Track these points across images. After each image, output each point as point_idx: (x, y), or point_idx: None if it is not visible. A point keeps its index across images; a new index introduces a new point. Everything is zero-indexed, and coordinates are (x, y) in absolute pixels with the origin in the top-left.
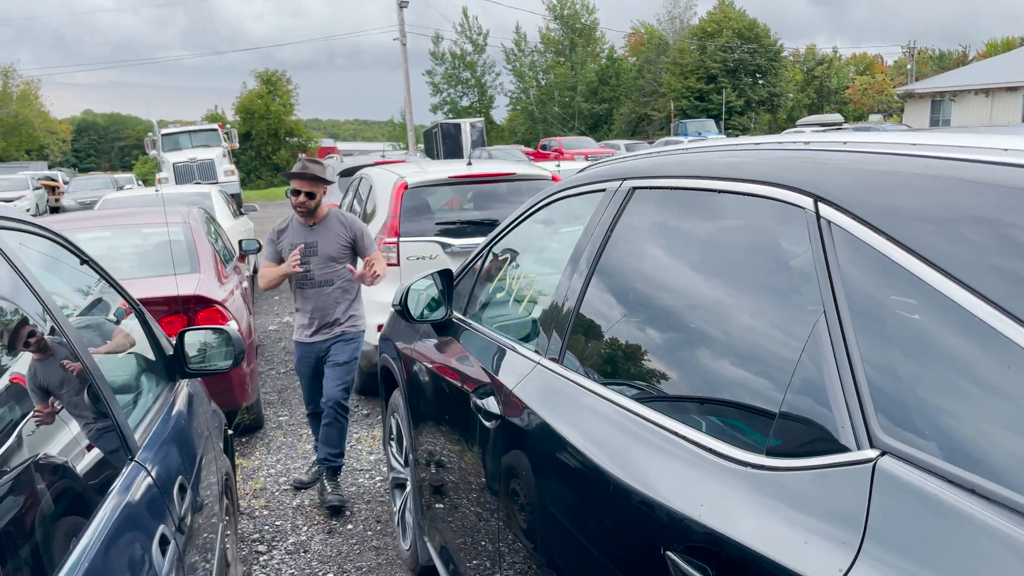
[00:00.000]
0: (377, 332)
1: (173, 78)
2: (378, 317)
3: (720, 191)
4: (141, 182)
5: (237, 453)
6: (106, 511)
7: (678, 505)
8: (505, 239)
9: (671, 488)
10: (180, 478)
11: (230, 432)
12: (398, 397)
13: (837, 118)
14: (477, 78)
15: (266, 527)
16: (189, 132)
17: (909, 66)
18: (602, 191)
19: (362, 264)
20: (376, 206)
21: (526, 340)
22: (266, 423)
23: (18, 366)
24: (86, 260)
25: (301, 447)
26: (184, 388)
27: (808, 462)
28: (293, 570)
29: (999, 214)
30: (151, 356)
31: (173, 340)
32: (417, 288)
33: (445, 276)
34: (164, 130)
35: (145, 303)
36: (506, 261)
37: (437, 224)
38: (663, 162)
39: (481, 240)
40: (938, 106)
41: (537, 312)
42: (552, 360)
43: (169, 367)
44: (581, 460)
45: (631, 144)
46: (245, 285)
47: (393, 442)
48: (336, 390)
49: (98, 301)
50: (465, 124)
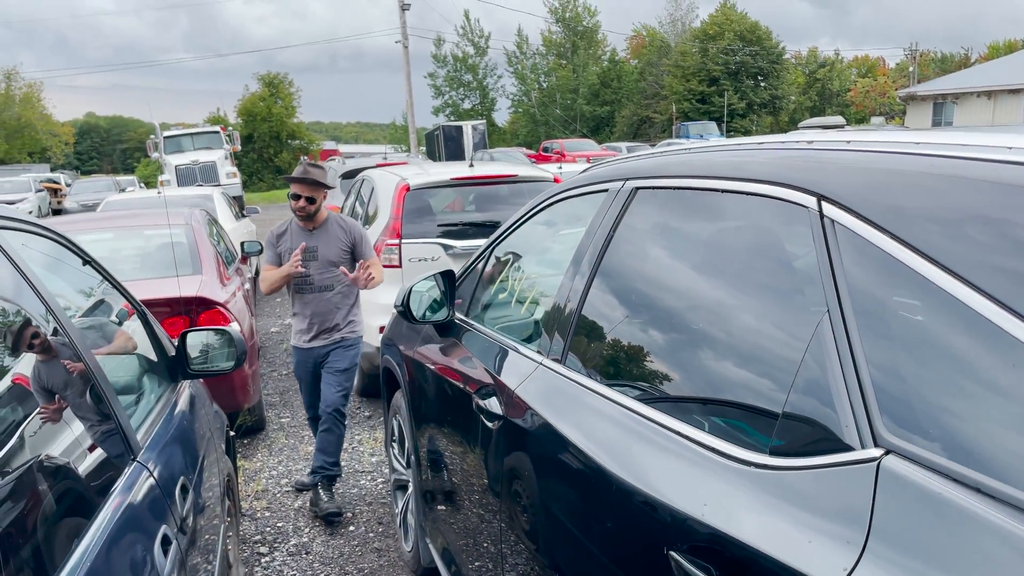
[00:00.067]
0: (379, 334)
1: (175, 81)
2: (380, 318)
3: (723, 191)
4: (143, 184)
5: (239, 455)
6: (108, 511)
7: (681, 505)
8: (507, 240)
9: (674, 488)
10: (182, 479)
11: (232, 433)
12: (400, 398)
13: (839, 121)
14: (479, 81)
15: (268, 528)
16: (191, 135)
17: (911, 68)
18: (604, 191)
19: (357, 267)
20: (378, 208)
21: (528, 341)
22: (268, 425)
23: (21, 366)
24: (89, 261)
25: (303, 449)
26: (186, 389)
27: (812, 461)
28: (295, 572)
29: (1004, 212)
30: (153, 357)
31: (175, 341)
32: (419, 289)
33: (447, 277)
34: (166, 133)
35: (147, 304)
36: (508, 262)
37: (439, 226)
38: (666, 162)
39: (483, 242)
40: (940, 108)
41: (539, 312)
42: (555, 360)
43: (171, 368)
44: (584, 460)
45: (633, 146)
46: (247, 287)
47: (395, 443)
48: (336, 396)
49: (101, 302)
50: (467, 126)
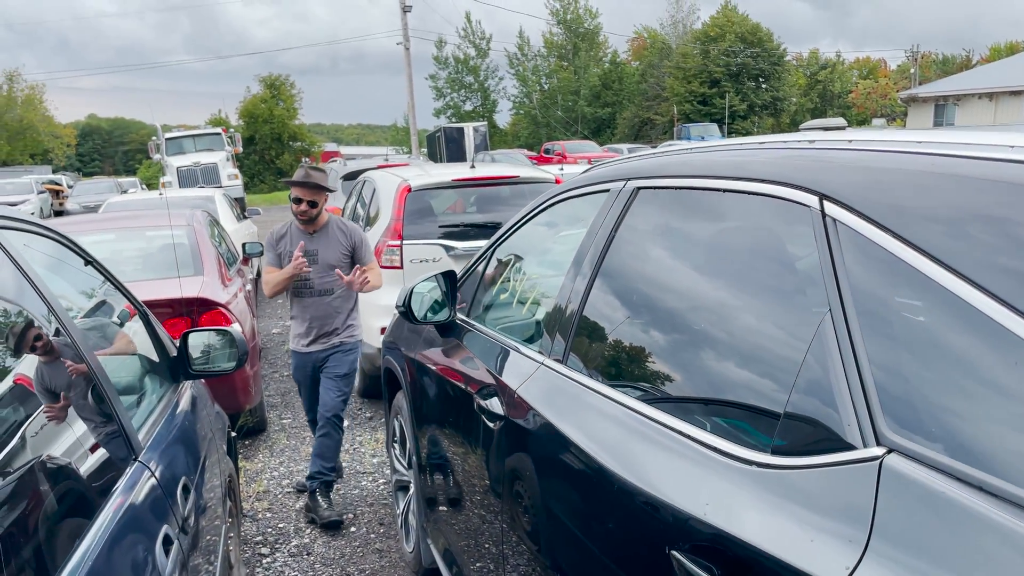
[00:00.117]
0: (380, 335)
1: (177, 82)
2: (381, 320)
3: (725, 190)
4: (145, 186)
5: (240, 455)
6: (110, 511)
7: (683, 505)
8: (509, 241)
9: (676, 488)
10: (183, 479)
11: (233, 434)
12: (401, 399)
13: (840, 122)
14: (480, 82)
15: (269, 529)
16: (193, 136)
17: (912, 70)
18: (606, 191)
19: (354, 270)
20: (379, 209)
21: (530, 341)
22: (269, 426)
23: (24, 367)
24: (91, 262)
25: (304, 450)
26: (188, 389)
27: (814, 460)
28: (296, 572)
29: (1006, 211)
30: (155, 357)
31: (176, 342)
32: (420, 290)
33: (448, 277)
34: (168, 134)
35: (149, 305)
36: (510, 262)
37: (440, 227)
38: (667, 162)
39: (484, 243)
40: (942, 110)
41: (541, 313)
42: (556, 361)
43: (173, 368)
44: (585, 460)
45: (634, 148)
46: (248, 288)
47: (396, 444)
48: (335, 400)
49: (102, 303)
50: (468, 128)
